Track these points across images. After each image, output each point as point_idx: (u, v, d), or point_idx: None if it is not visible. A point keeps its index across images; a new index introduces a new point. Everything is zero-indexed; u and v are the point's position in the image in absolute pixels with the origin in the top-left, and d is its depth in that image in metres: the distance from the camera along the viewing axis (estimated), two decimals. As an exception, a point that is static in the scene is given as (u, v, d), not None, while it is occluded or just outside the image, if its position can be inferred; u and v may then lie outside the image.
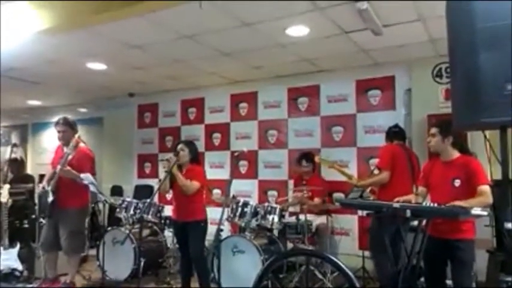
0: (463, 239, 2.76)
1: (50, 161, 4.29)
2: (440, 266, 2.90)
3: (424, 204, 2.57)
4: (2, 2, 3.64)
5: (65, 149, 4.00)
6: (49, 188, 3.95)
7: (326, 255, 3.08)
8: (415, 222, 2.83)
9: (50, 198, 3.93)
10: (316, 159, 4.75)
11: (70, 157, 3.90)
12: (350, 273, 2.81)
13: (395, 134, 4.18)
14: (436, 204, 2.50)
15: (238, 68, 5.37)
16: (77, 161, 3.95)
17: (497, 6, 1.66)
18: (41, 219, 4.82)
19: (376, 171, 4.18)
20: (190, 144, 4.04)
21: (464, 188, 2.73)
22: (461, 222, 2.64)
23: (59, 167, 3.84)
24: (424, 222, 2.65)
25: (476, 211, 2.35)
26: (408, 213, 2.42)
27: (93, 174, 4.17)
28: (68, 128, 4.11)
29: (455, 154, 2.90)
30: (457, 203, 2.53)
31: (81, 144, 4.09)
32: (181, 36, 4.16)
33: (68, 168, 3.85)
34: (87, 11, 3.68)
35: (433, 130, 2.95)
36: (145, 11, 3.47)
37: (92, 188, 3.94)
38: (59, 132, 4.10)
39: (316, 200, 4.65)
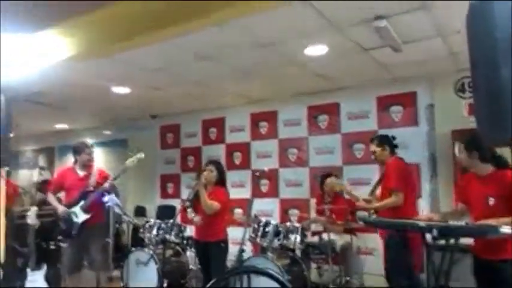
0: (506, 259, 2.64)
1: (53, 186, 4.41)
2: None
3: (450, 222, 2.49)
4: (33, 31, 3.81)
5: (80, 171, 4.30)
6: (77, 209, 4.09)
7: (268, 272, 2.91)
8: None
9: (82, 218, 4.06)
10: (328, 180, 4.64)
11: (95, 177, 4.20)
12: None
13: (394, 145, 3.96)
14: (464, 223, 2.43)
15: (257, 87, 5.43)
16: (103, 180, 4.16)
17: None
18: (61, 243, 4.94)
19: (377, 191, 3.95)
20: (218, 164, 4.09)
21: (501, 204, 2.63)
22: (503, 241, 2.53)
23: (107, 183, 4.04)
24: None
25: (505, 229, 2.26)
26: (435, 232, 2.35)
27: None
28: (93, 152, 4.39)
29: (489, 168, 2.79)
30: (490, 221, 2.46)
31: (95, 167, 4.41)
32: (200, 57, 4.25)
33: (112, 182, 4.10)
34: (110, 39, 3.82)
35: (461, 147, 2.88)
36: (168, 36, 3.57)
37: (116, 209, 4.00)
38: (89, 154, 4.30)
39: (339, 224, 4.55)
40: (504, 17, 1.67)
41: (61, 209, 4.18)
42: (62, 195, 4.50)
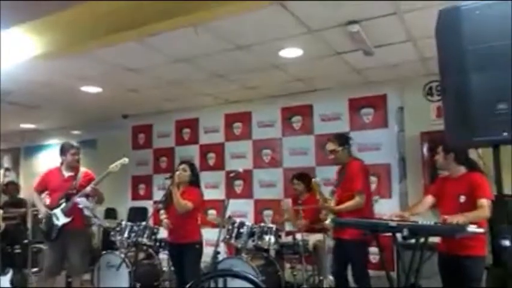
0: (470, 255, 2.78)
1: (37, 186, 4.25)
2: (455, 283, 2.90)
3: (420, 222, 2.58)
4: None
5: (65, 173, 4.14)
6: (57, 211, 3.95)
7: (244, 275, 2.90)
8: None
9: (63, 221, 3.92)
10: (313, 182, 4.60)
11: (80, 180, 4.08)
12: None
13: (350, 145, 3.95)
14: (433, 222, 2.52)
15: (232, 88, 5.43)
16: (87, 183, 4.03)
17: (485, 28, 1.72)
18: (41, 245, 4.77)
19: (327, 195, 3.90)
20: (192, 165, 4.06)
21: (470, 203, 2.78)
22: (469, 239, 2.65)
23: (88, 187, 3.92)
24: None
25: (471, 228, 2.37)
26: (405, 231, 2.42)
27: None
28: (79, 154, 4.25)
29: (462, 170, 2.98)
30: (451, 217, 2.56)
31: (82, 168, 4.25)
32: (176, 59, 4.21)
33: (96, 188, 3.99)
34: (83, 37, 3.73)
35: (438, 148, 3.04)
36: (142, 36, 3.52)
37: (86, 212, 3.92)
38: (73, 155, 4.15)
39: (304, 222, 4.58)
40: (472, 25, 1.75)
41: (42, 210, 4.05)
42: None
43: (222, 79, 4.96)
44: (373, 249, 4.84)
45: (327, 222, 3.82)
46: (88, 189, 3.93)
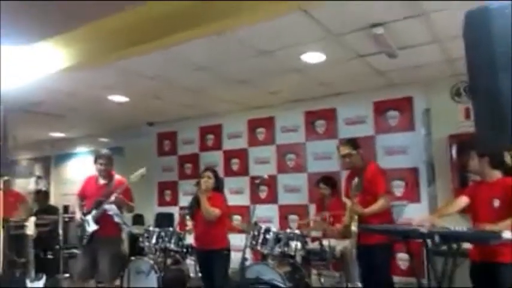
0: (504, 262, 2.69)
1: (78, 192, 4.39)
2: None
3: (453, 228, 2.51)
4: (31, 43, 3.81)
5: (101, 181, 4.24)
6: (89, 218, 4.06)
7: (273, 284, 2.74)
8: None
9: (92, 227, 4.02)
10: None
11: (112, 187, 4.13)
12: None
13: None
14: (465, 228, 2.45)
15: (254, 94, 5.45)
16: (122, 192, 4.09)
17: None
18: (73, 250, 4.90)
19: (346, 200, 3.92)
20: (215, 171, 4.10)
21: (504, 209, 2.69)
22: (501, 245, 2.56)
23: (113, 196, 3.97)
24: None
25: (507, 235, 2.28)
26: (437, 238, 2.37)
27: (133, 202, 4.35)
28: (109, 162, 4.29)
29: (496, 175, 2.89)
30: (485, 225, 2.49)
31: (117, 176, 4.32)
32: (198, 67, 4.27)
33: (121, 196, 4.03)
34: (108, 49, 3.82)
35: (471, 153, 2.97)
36: (165, 46, 3.58)
37: (116, 219, 3.99)
38: (101, 164, 4.24)
39: (338, 226, 4.56)
40: (501, 25, 1.70)
41: (77, 216, 4.20)
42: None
43: (244, 85, 4.99)
44: (402, 255, 4.78)
45: (353, 228, 3.76)
46: (112, 198, 3.98)
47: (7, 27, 3.23)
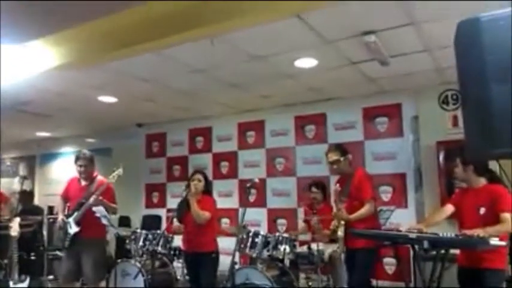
0: (491, 268, 2.75)
1: (62, 193, 4.32)
2: None
3: (441, 234, 2.55)
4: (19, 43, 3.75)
5: (83, 182, 4.16)
6: (71, 220, 4.00)
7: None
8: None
9: (74, 229, 3.96)
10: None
11: (93, 189, 4.04)
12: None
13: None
14: (453, 235, 2.49)
15: (246, 97, 5.46)
16: (103, 193, 4.01)
17: (507, 38, 1.71)
18: (57, 251, 4.80)
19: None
20: (205, 174, 4.08)
21: (490, 216, 2.75)
22: (487, 251, 2.62)
23: (92, 198, 3.89)
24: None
25: (494, 241, 2.33)
26: (426, 244, 2.41)
27: (115, 203, 4.26)
28: (89, 162, 4.21)
29: (482, 182, 2.94)
30: (472, 231, 2.53)
31: (99, 177, 4.23)
32: (191, 70, 4.26)
33: (101, 198, 3.94)
34: (99, 49, 3.79)
35: (456, 160, 3.01)
36: (157, 48, 3.57)
37: (104, 221, 3.94)
38: (80, 166, 4.16)
39: (326, 231, 4.58)
40: (493, 35, 1.74)
41: (59, 218, 4.12)
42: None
43: (236, 88, 4.99)
44: (389, 260, 4.84)
45: (339, 233, 3.78)
46: (91, 200, 3.91)
47: (-2, 26, 3.18)
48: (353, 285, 3.68)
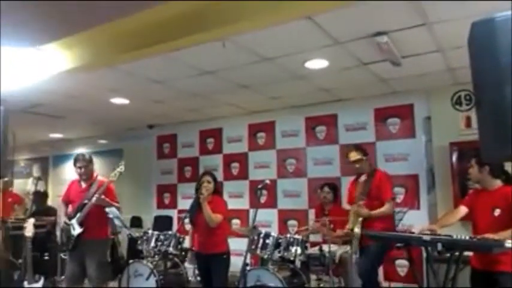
0: (505, 271, 2.71)
1: (63, 197, 4.37)
2: None
3: (455, 236, 2.53)
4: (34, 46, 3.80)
5: (83, 184, 4.20)
6: (74, 221, 4.02)
7: None
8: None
9: (77, 231, 3.99)
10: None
11: (93, 189, 4.04)
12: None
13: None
14: (467, 237, 2.47)
15: (256, 99, 5.46)
16: (104, 193, 4.03)
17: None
18: (61, 254, 4.86)
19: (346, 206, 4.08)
20: (213, 175, 4.09)
21: (505, 218, 2.72)
22: (502, 254, 2.58)
23: (94, 198, 3.92)
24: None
25: (509, 244, 2.30)
26: (439, 246, 2.39)
27: (118, 203, 4.25)
28: (89, 164, 4.24)
29: (497, 184, 2.92)
30: (487, 235, 2.51)
31: (100, 177, 4.26)
32: (201, 72, 4.28)
33: (103, 197, 3.96)
34: (111, 52, 3.82)
35: (472, 161, 3.01)
36: (169, 50, 3.59)
37: (116, 222, 3.97)
38: (80, 168, 4.19)
39: (339, 232, 4.57)
40: (506, 35, 1.72)
41: (61, 220, 4.15)
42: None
43: (246, 90, 5.00)
44: (401, 262, 4.79)
45: (356, 230, 3.77)
46: (93, 200, 3.93)
47: (10, 29, 3.23)
48: (361, 270, 3.77)
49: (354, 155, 3.94)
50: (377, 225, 3.54)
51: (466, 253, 2.86)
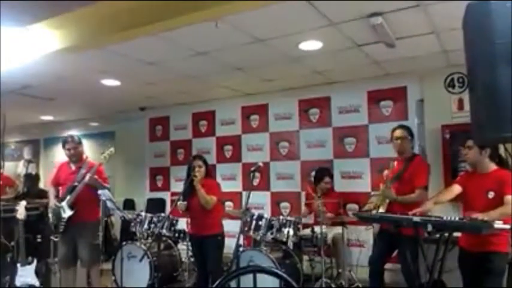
0: (493, 251, 2.76)
1: (52, 180, 4.32)
2: (476, 278, 2.87)
3: (445, 218, 2.56)
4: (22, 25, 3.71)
5: (73, 166, 4.15)
6: (64, 204, 4.00)
7: (272, 270, 2.69)
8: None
9: (68, 213, 3.96)
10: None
11: (84, 171, 4.00)
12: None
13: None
14: (457, 218, 2.50)
15: (249, 81, 5.42)
16: (94, 174, 3.99)
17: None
18: (52, 237, 4.86)
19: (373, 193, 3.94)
20: (203, 158, 4.09)
21: (498, 200, 2.74)
22: (492, 235, 2.62)
23: (87, 177, 3.88)
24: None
25: (498, 225, 2.34)
26: (429, 227, 2.42)
27: (108, 184, 4.24)
28: (78, 145, 4.19)
29: (492, 167, 2.92)
30: (475, 215, 2.53)
31: (89, 159, 4.24)
32: (194, 53, 4.22)
33: (96, 177, 3.93)
34: (102, 32, 3.75)
35: (469, 142, 2.92)
36: (161, 30, 3.53)
37: (109, 204, 3.97)
38: (69, 150, 4.14)
39: (329, 215, 4.61)
40: (502, 18, 1.71)
41: (51, 203, 4.12)
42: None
43: (239, 72, 4.96)
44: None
45: (381, 210, 3.47)
46: (86, 179, 3.89)
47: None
48: (405, 272, 3.47)
49: (400, 132, 3.75)
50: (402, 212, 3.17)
51: (455, 234, 2.90)
